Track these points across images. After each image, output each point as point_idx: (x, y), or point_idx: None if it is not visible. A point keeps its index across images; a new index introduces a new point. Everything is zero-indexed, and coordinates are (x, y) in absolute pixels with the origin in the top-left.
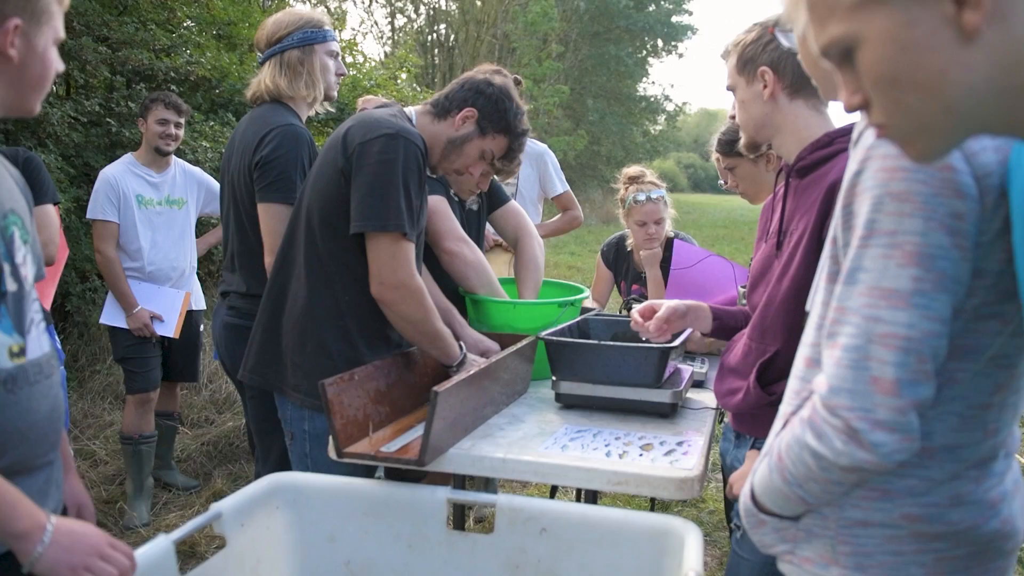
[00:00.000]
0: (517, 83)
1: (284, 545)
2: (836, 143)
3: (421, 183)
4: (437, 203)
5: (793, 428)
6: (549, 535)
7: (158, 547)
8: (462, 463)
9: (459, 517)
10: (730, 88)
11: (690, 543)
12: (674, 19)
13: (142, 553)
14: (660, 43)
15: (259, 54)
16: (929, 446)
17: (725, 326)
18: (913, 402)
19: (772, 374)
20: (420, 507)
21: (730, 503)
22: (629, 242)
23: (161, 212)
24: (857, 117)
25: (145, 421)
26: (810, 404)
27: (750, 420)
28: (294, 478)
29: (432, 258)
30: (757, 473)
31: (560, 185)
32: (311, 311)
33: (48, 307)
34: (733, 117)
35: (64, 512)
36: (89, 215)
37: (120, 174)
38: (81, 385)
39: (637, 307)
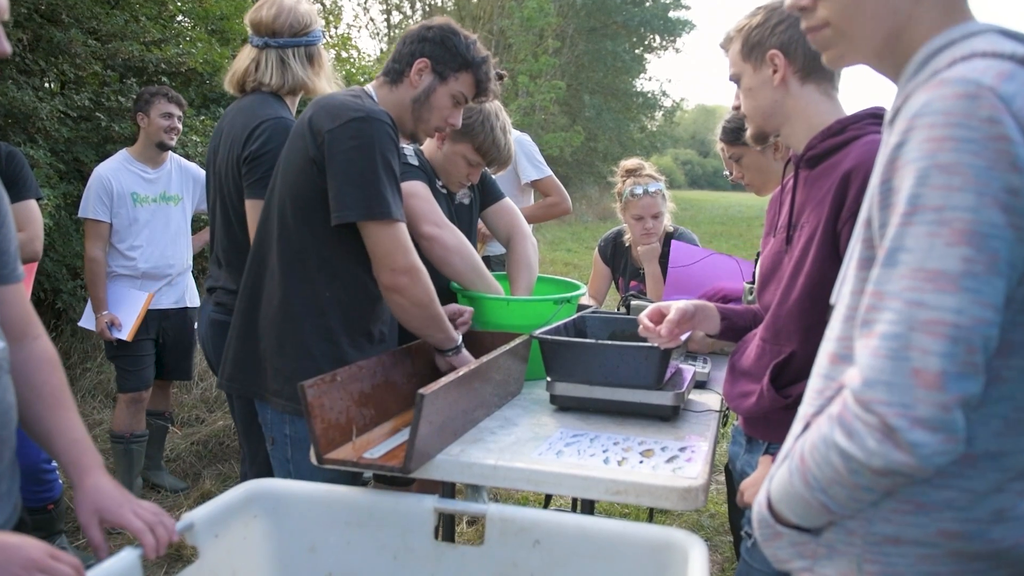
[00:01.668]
0: (499, 77)
1: (262, 556)
2: (849, 130)
3: (396, 159)
4: (414, 187)
5: (820, 426)
6: (542, 548)
7: (123, 561)
8: (450, 470)
9: (448, 527)
10: (734, 78)
11: (694, 558)
12: (671, 14)
13: (105, 568)
14: (657, 38)
15: (265, 39)
16: (970, 453)
17: (734, 326)
18: (959, 398)
19: (788, 376)
20: (405, 517)
21: (738, 508)
22: (627, 237)
23: (156, 209)
24: (876, 102)
25: (136, 420)
26: (840, 399)
27: (763, 424)
28: (273, 485)
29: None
30: (775, 479)
31: (535, 171)
32: (288, 310)
33: None
34: (737, 108)
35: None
36: (80, 213)
37: (114, 172)
38: (72, 383)
39: (645, 312)
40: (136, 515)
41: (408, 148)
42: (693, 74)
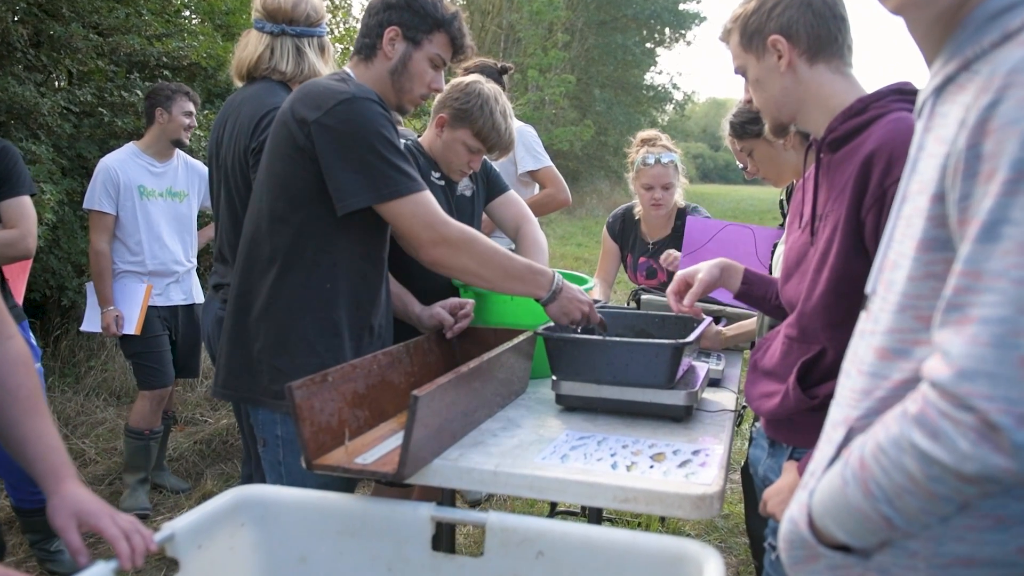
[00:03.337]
0: (504, 71)
1: (249, 567)
2: (871, 109)
3: (394, 133)
4: None
5: (887, 427)
6: (546, 560)
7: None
8: (448, 475)
9: (449, 537)
10: (739, 71)
11: (710, 571)
12: (681, 7)
13: None
14: (668, 31)
15: (283, 26)
16: None
17: (751, 293)
18: None
19: (816, 375)
20: (401, 526)
21: (756, 512)
22: (637, 209)
23: (164, 205)
24: (896, 78)
25: (156, 417)
26: (918, 396)
27: (788, 427)
28: (262, 492)
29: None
30: (819, 490)
31: (532, 161)
32: (288, 306)
33: (20, 302)
34: (749, 102)
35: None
36: (86, 205)
37: (121, 164)
38: (77, 381)
39: (671, 288)
40: (114, 522)
41: (400, 143)
42: (704, 67)
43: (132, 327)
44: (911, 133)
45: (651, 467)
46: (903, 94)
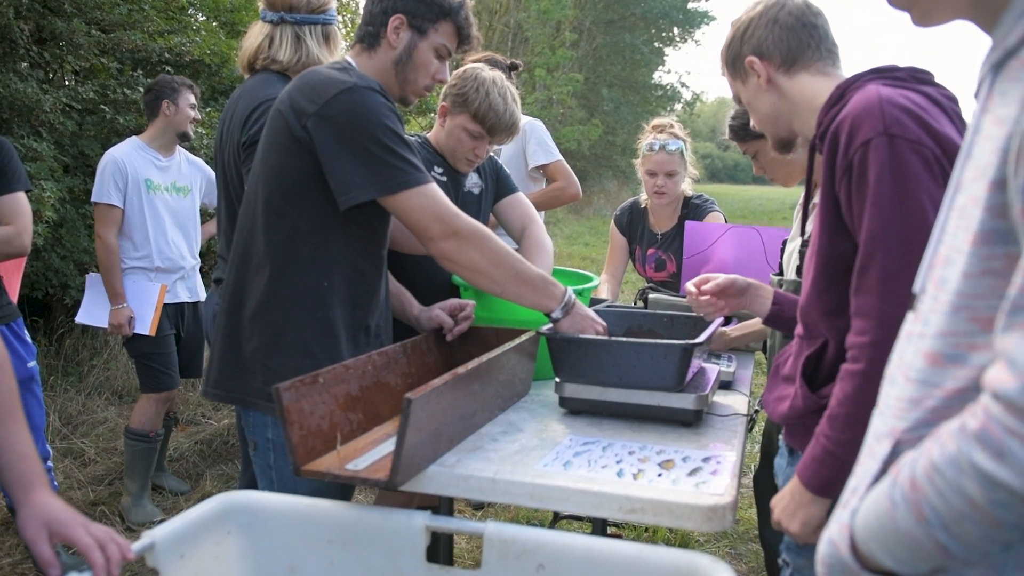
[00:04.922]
0: (514, 67)
1: None
2: (848, 92)
3: (399, 124)
4: None
5: (943, 444)
6: (547, 573)
7: None
8: (444, 483)
9: (445, 548)
10: (736, 98)
11: None
12: (690, 6)
13: None
14: (676, 31)
15: (281, 14)
16: None
17: (782, 316)
18: None
19: (822, 373)
20: (394, 535)
21: (774, 530)
22: (643, 199)
23: (170, 199)
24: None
25: (159, 419)
26: (979, 410)
27: (801, 431)
28: (249, 498)
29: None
30: (863, 511)
31: (543, 155)
32: (282, 304)
33: (14, 299)
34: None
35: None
36: (94, 198)
37: (127, 156)
38: (80, 380)
39: (693, 280)
40: (86, 531)
41: (405, 134)
42: (713, 67)
43: (146, 328)
44: (875, 100)
45: (659, 475)
46: (880, 72)
